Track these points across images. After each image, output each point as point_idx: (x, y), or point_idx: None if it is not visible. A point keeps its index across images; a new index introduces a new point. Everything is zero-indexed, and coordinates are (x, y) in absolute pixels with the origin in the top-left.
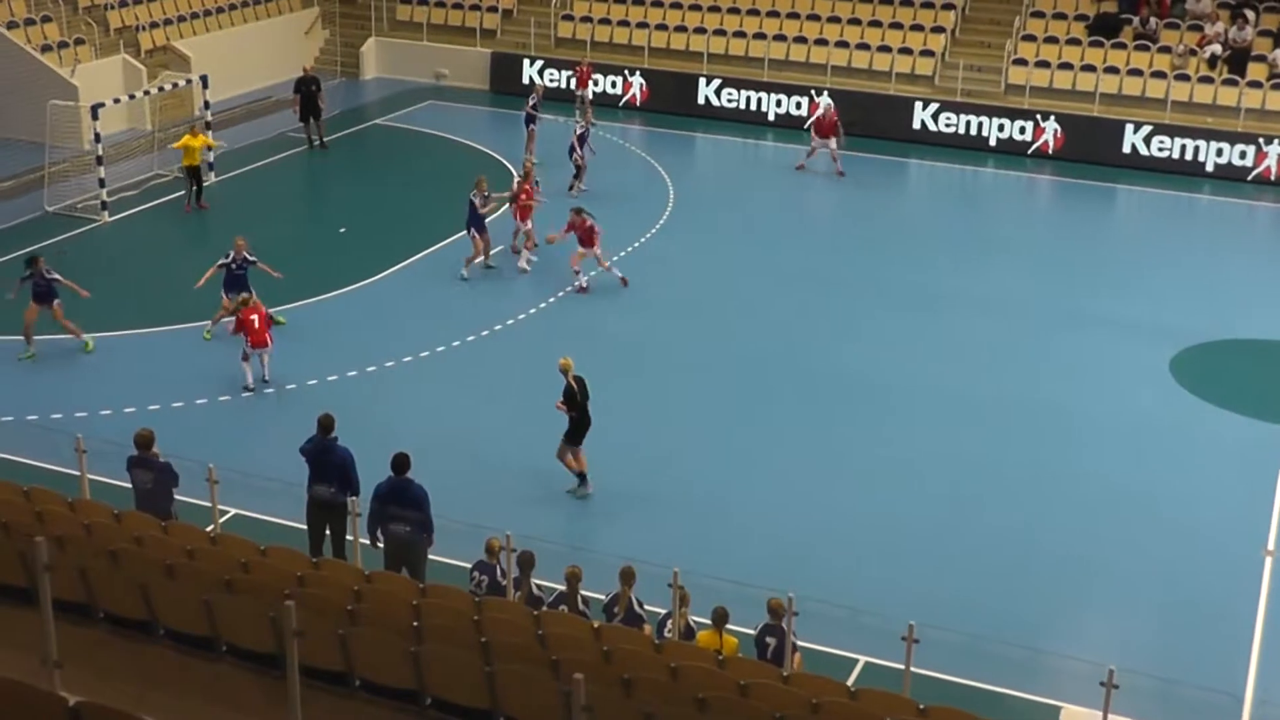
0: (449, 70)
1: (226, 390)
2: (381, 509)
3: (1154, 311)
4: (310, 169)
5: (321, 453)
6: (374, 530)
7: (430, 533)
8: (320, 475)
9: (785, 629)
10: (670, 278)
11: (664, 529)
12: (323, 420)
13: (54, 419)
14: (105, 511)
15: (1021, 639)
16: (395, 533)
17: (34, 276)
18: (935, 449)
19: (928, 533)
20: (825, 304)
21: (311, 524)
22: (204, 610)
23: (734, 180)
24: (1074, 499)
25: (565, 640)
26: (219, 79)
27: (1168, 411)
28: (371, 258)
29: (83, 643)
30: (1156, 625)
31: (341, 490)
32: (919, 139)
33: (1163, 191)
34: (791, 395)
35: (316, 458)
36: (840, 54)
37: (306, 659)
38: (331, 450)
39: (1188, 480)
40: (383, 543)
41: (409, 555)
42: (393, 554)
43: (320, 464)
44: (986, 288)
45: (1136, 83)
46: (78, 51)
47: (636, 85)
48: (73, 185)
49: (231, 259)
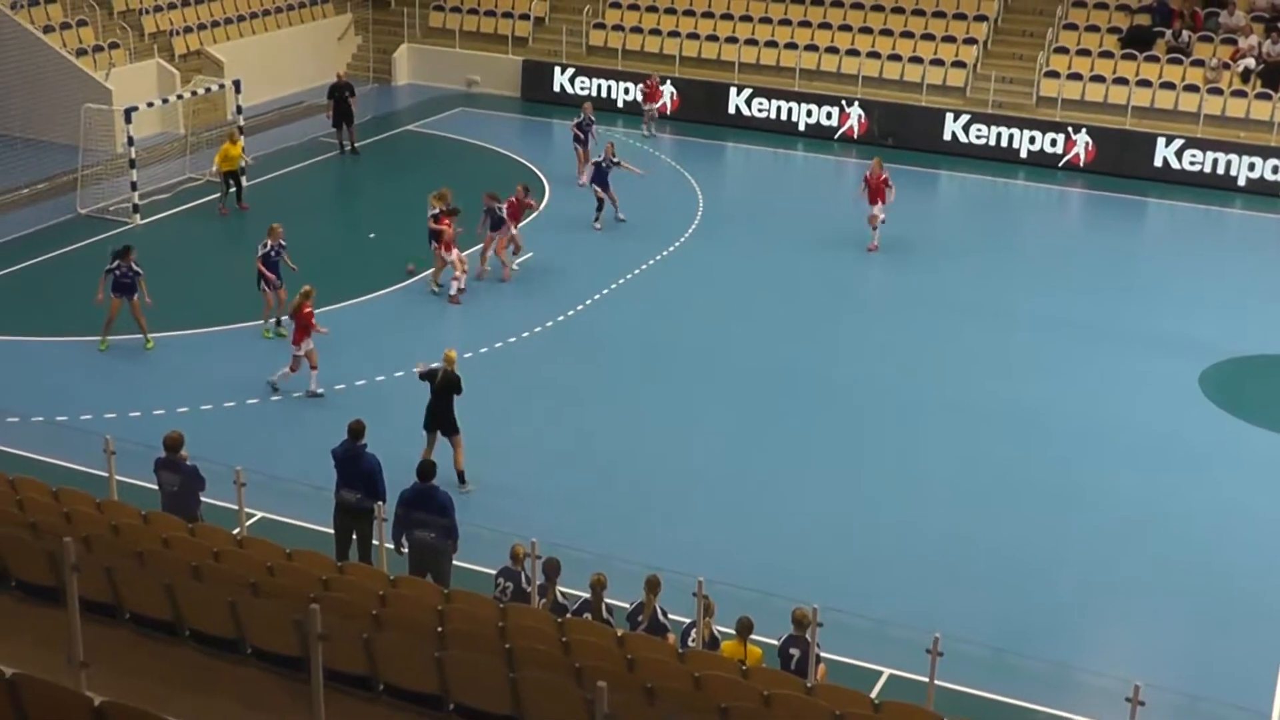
0: (480, 77)
1: (256, 394)
2: (406, 515)
3: (1184, 326)
4: (341, 174)
5: (350, 459)
6: (399, 536)
7: (455, 539)
8: (347, 480)
9: (809, 640)
10: (699, 287)
11: (690, 538)
12: (353, 426)
13: (83, 419)
14: (133, 513)
15: (1047, 653)
16: (420, 539)
17: (120, 268)
18: (962, 460)
19: (953, 544)
20: (852, 314)
21: (338, 528)
22: (229, 612)
23: (764, 190)
24: (1102, 513)
25: (589, 648)
26: (252, 84)
27: (1197, 426)
28: (402, 263)
29: (109, 643)
30: (1183, 641)
31: (367, 497)
32: (950, 150)
33: (1194, 205)
34: (818, 405)
35: (344, 463)
36: (871, 65)
37: (331, 662)
38: (360, 457)
39: (1216, 495)
40: (407, 549)
41: (434, 561)
42: (417, 560)
43: (347, 470)
44: (1015, 300)
45: (1169, 96)
46: (112, 55)
47: (667, 94)
48: (105, 188)
49: (270, 247)
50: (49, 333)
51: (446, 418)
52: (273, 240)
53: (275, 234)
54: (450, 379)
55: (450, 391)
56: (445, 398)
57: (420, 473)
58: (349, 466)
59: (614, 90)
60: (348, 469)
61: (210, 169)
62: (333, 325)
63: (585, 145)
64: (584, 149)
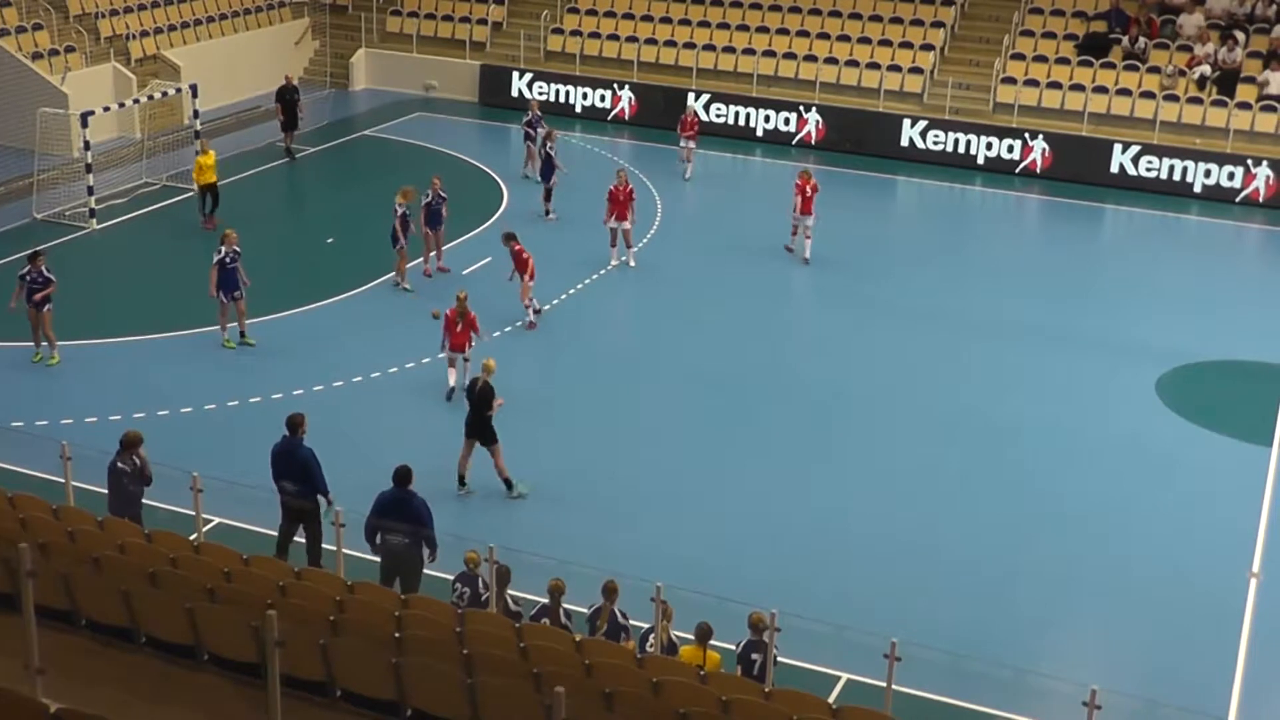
0: (438, 82)
1: (212, 399)
2: (379, 520)
3: (1140, 332)
4: (298, 180)
5: (285, 452)
6: (372, 538)
7: (434, 549)
8: (283, 474)
9: (768, 644)
10: (655, 293)
11: (647, 543)
12: (290, 419)
13: (39, 425)
14: (89, 519)
15: (1005, 658)
16: (391, 544)
17: (30, 274)
18: (918, 467)
19: (911, 550)
20: (811, 320)
21: (281, 528)
22: (186, 618)
23: (722, 197)
24: (1059, 518)
25: (547, 653)
26: (209, 88)
27: (1153, 432)
28: (360, 268)
29: (65, 649)
30: (1140, 646)
31: (306, 491)
32: (907, 156)
33: (1150, 212)
34: (776, 411)
35: (279, 456)
36: (829, 70)
37: (288, 669)
38: (295, 449)
39: (1173, 501)
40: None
41: (405, 567)
42: (389, 565)
43: (282, 463)
44: (973, 306)
45: (1125, 103)
46: (68, 59)
47: (625, 99)
48: (62, 192)
49: (225, 254)
50: (4, 338)
51: (485, 428)
52: (227, 247)
53: (230, 240)
54: (486, 392)
55: (487, 403)
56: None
57: (396, 478)
58: (284, 460)
59: (572, 95)
60: (282, 462)
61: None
62: (290, 330)
63: (535, 141)
64: (534, 145)
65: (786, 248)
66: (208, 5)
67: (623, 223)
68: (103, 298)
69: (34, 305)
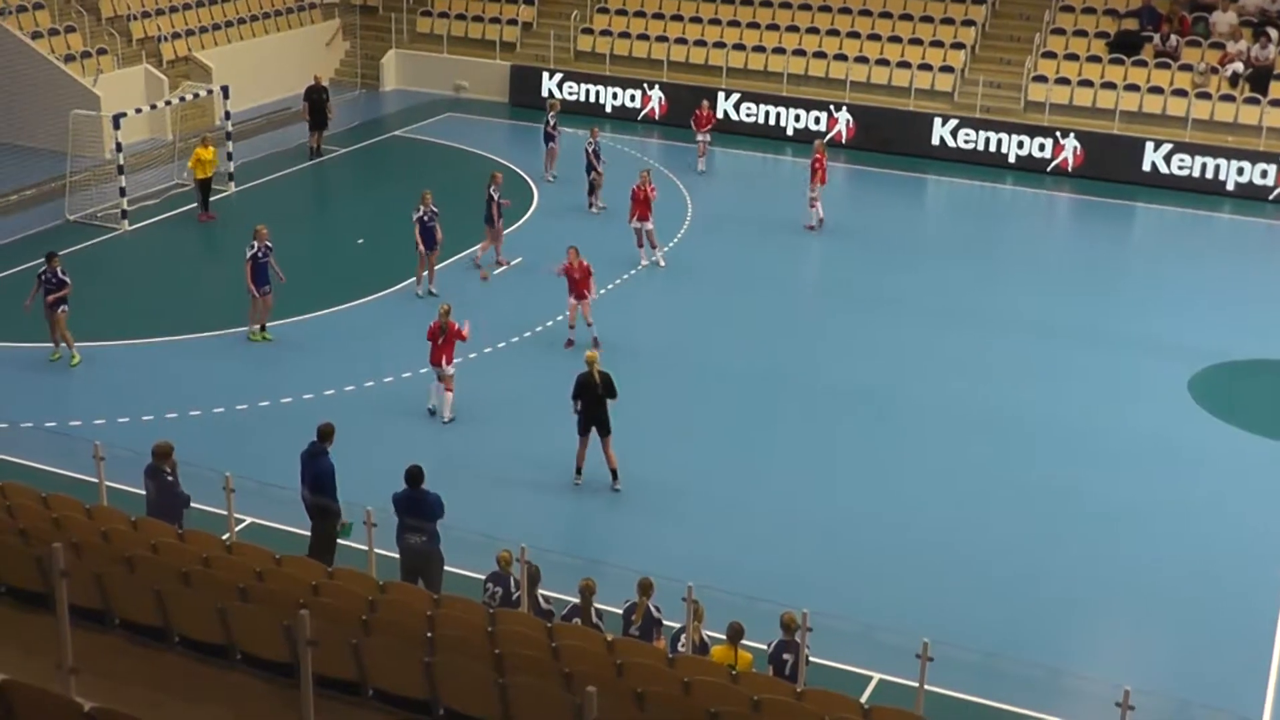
0: (468, 83)
1: (244, 399)
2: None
3: (1172, 330)
4: (328, 180)
5: (309, 458)
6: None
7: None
8: (305, 478)
9: (799, 644)
10: (687, 292)
11: (679, 542)
12: (321, 428)
13: (72, 425)
14: (122, 519)
15: (1037, 658)
16: (410, 543)
17: (46, 274)
18: (951, 465)
19: (943, 549)
20: (840, 318)
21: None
22: (219, 618)
23: (752, 196)
24: (1089, 517)
25: (578, 653)
26: (240, 90)
27: (1185, 431)
28: (390, 268)
29: (98, 649)
30: (1173, 646)
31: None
32: (938, 155)
33: (1182, 210)
34: (807, 409)
35: (305, 461)
36: (859, 69)
37: (320, 668)
38: (318, 457)
39: (1205, 500)
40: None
41: (424, 566)
42: (409, 565)
43: (306, 468)
44: (1004, 305)
45: (1157, 100)
46: (100, 61)
47: (655, 99)
48: (93, 194)
49: (257, 249)
50: (37, 339)
51: (604, 418)
52: (259, 242)
53: (261, 236)
54: (607, 379)
55: (609, 393)
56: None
57: (409, 478)
58: (307, 465)
59: (602, 95)
60: (306, 467)
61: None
62: (320, 330)
63: (555, 141)
64: (555, 145)
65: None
66: (239, 7)
67: (645, 223)
68: (134, 298)
69: (49, 306)
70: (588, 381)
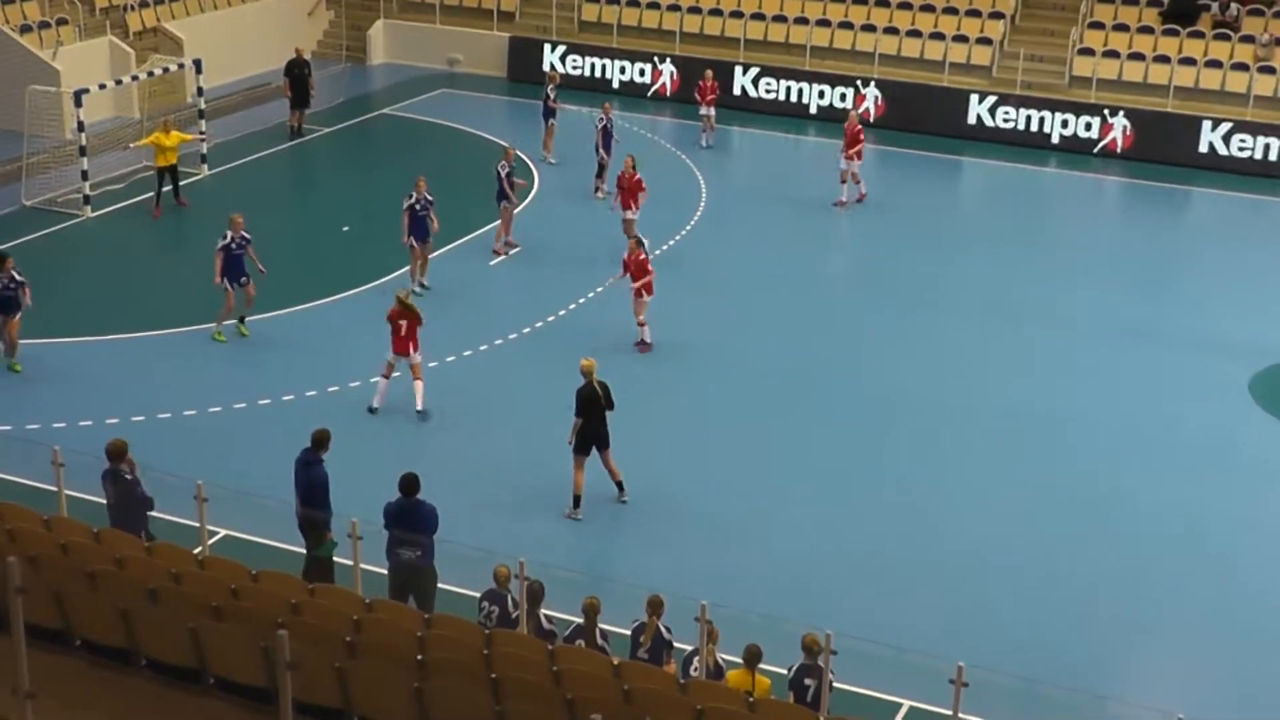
0: (463, 56)
1: (217, 401)
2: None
3: (1231, 326)
4: (311, 162)
5: (302, 466)
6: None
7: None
8: (297, 486)
9: (824, 668)
10: (704, 282)
11: (692, 558)
12: (315, 435)
13: (30, 430)
14: (83, 530)
15: (1082, 683)
16: (401, 558)
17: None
18: (989, 473)
19: (979, 564)
20: (868, 313)
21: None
22: (189, 639)
23: (772, 178)
24: (1140, 529)
25: (582, 677)
26: (214, 64)
27: (1245, 435)
28: (378, 259)
29: (57, 672)
30: (1228, 667)
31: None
32: (974, 135)
33: (1243, 195)
34: (831, 410)
35: (298, 469)
36: (889, 41)
37: (301, 693)
38: (311, 466)
39: (1265, 509)
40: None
41: (416, 583)
42: (399, 581)
43: (299, 476)
44: (1050, 298)
45: (1215, 75)
46: (60, 33)
47: (667, 74)
48: (53, 178)
49: (230, 239)
50: None
51: (604, 433)
52: (234, 232)
53: (237, 226)
54: (605, 390)
55: (609, 405)
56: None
57: (403, 487)
58: (300, 475)
59: (609, 69)
60: (299, 477)
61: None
62: (302, 327)
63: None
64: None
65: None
66: None
67: (626, 211)
68: (97, 291)
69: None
70: (591, 395)
